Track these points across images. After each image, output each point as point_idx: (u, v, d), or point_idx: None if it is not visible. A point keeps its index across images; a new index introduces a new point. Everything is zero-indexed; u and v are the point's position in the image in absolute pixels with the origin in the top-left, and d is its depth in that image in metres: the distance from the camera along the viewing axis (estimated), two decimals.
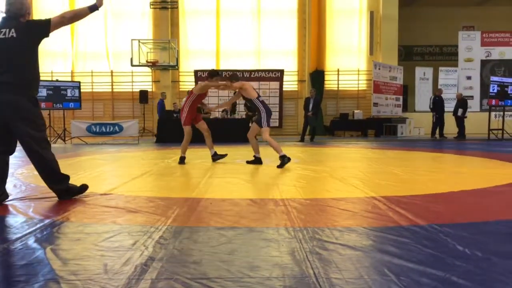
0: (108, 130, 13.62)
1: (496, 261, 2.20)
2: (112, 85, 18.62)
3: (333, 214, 3.34)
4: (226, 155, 7.37)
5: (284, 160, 6.35)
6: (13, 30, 3.52)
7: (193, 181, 5.07)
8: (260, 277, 2.00)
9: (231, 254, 2.34)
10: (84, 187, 4.05)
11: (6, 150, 3.75)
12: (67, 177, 3.95)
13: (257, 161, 6.83)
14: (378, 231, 2.80)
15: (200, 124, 7.44)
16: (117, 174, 6.08)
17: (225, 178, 5.50)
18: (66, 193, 3.92)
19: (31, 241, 2.58)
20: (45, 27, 3.65)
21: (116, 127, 13.63)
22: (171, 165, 6.93)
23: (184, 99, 7.67)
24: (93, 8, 3.82)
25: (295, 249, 2.40)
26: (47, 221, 3.07)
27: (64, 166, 4.78)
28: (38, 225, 2.94)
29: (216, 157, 7.29)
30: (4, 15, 3.64)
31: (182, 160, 7.18)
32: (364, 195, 4.06)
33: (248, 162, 6.91)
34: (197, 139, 9.77)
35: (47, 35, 3.71)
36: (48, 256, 2.30)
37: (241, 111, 15.09)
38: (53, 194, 3.96)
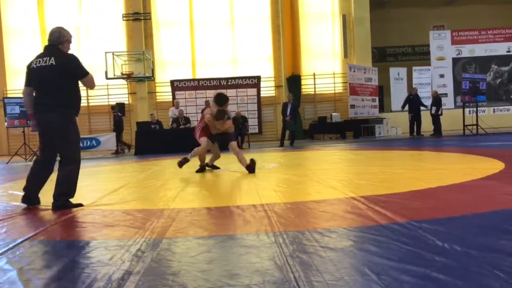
0: (85, 144, 13.41)
1: (475, 254, 2.21)
2: (87, 99, 18.35)
3: (313, 217, 3.32)
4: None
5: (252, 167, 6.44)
6: (53, 58, 4.06)
7: (172, 191, 4.99)
8: (240, 284, 1.96)
9: (210, 263, 2.30)
10: (79, 204, 4.23)
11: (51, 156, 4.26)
12: (67, 196, 4.19)
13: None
14: (358, 231, 2.79)
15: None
16: (94, 188, 5.96)
17: (205, 187, 5.45)
18: (60, 207, 4.10)
19: (2, 262, 2.48)
20: (81, 75, 4.18)
21: (94, 141, 13.43)
22: (150, 177, 6.83)
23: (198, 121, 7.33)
24: None
25: (275, 254, 2.37)
26: (19, 240, 2.96)
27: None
28: (11, 245, 2.84)
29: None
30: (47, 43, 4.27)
31: (202, 169, 7.03)
32: (343, 196, 4.06)
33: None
34: (178, 149, 9.66)
35: (79, 79, 4.21)
36: (20, 277, 2.22)
37: None
38: (26, 213, 3.90)
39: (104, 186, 6.07)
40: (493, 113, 17.79)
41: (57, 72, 4.04)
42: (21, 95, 4.57)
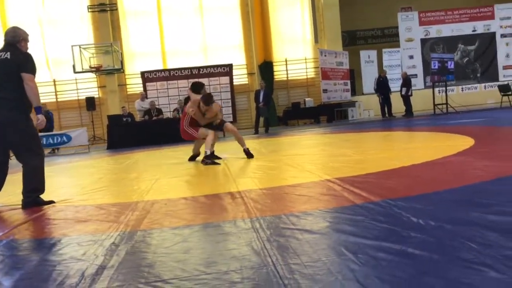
0: (55, 141, 13.06)
1: (449, 228, 2.24)
2: (56, 95, 17.86)
3: (290, 201, 3.32)
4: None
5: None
6: (8, 53, 3.97)
7: (146, 183, 4.91)
8: (217, 272, 1.93)
9: (187, 253, 2.26)
10: (51, 202, 4.11)
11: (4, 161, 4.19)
12: (38, 192, 4.06)
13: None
14: (334, 212, 2.80)
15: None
16: (66, 185, 5.81)
17: (180, 177, 5.38)
18: (30, 204, 3.98)
19: None
20: (26, 69, 3.95)
21: (64, 137, 13.10)
22: (123, 170, 6.71)
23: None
24: (38, 111, 4.11)
25: (252, 240, 2.35)
26: None
27: (9, 182, 4.52)
28: None
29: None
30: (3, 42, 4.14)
31: (212, 155, 6.34)
32: (319, 179, 4.07)
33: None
34: (151, 141, 9.42)
35: (22, 71, 3.96)
36: None
37: None
38: None
39: (76, 182, 5.93)
40: (462, 92, 18.14)
41: (11, 66, 3.93)
42: None
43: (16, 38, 4.08)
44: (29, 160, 4.06)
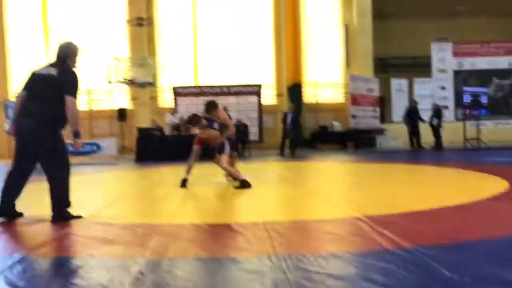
0: (85, 150, 13.33)
1: (486, 286, 2.15)
2: (90, 103, 18.29)
3: (317, 239, 3.26)
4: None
5: (244, 184, 5.95)
6: (56, 70, 4.07)
7: (172, 204, 4.92)
8: None
9: None
10: (79, 216, 4.16)
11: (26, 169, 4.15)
12: (64, 206, 4.11)
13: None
14: (363, 257, 2.72)
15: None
16: (93, 198, 5.89)
17: (206, 200, 5.38)
18: (59, 219, 4.01)
19: None
20: (67, 91, 4.02)
21: (95, 146, 13.36)
22: (150, 187, 6.77)
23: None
24: (76, 134, 4.19)
25: (278, 281, 2.30)
26: (17, 257, 2.89)
27: (38, 192, 4.62)
28: (8, 262, 2.77)
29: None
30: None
31: (183, 183, 6.35)
32: (347, 215, 3.99)
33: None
34: (180, 156, 9.43)
35: (63, 93, 4.03)
36: None
37: None
38: (22, 227, 3.89)
39: (104, 196, 5.99)
40: (495, 127, 17.71)
41: (54, 85, 4.02)
42: None
43: (68, 53, 4.19)
44: (54, 174, 4.09)
